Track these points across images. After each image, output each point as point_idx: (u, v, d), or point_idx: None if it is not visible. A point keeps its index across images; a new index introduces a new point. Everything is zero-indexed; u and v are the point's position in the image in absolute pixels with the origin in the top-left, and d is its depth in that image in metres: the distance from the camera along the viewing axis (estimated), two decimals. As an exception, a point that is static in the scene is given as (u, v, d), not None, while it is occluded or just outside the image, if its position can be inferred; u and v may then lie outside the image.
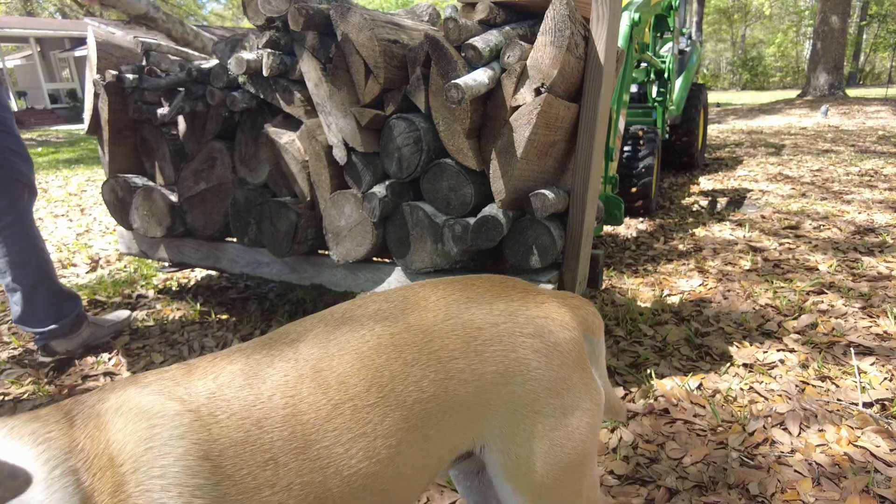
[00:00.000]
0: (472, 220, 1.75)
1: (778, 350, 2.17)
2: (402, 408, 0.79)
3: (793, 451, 1.59)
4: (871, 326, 2.31)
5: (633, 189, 4.20)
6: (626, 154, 4.20)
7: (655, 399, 1.87)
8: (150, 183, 2.57)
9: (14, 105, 19.60)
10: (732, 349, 2.19)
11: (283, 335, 0.85)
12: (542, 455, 0.86)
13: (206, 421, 0.70)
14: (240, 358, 0.79)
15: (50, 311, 2.17)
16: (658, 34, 5.10)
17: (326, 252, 2.15)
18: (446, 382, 0.82)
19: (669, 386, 1.94)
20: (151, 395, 0.71)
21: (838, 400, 1.82)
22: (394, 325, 0.85)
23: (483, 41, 1.61)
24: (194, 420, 0.69)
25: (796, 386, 1.91)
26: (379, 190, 1.83)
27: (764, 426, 1.70)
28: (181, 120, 2.39)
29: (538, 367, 0.87)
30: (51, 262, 2.20)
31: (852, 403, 1.80)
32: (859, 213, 4.09)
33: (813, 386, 1.91)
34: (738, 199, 4.80)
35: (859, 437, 1.63)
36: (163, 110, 2.37)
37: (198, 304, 2.77)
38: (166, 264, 2.91)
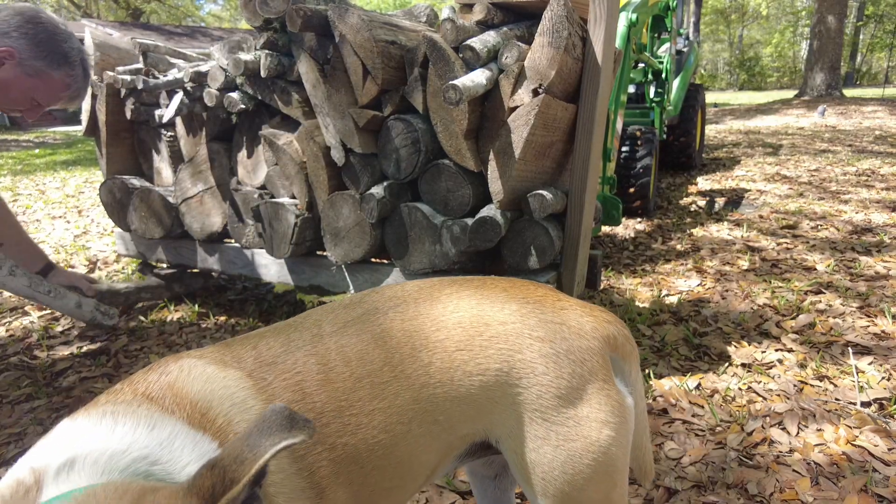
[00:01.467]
0: (470, 221, 1.75)
1: (776, 350, 2.17)
2: (412, 389, 0.83)
3: (791, 451, 1.59)
4: (868, 326, 2.32)
5: (631, 189, 4.21)
6: (623, 154, 4.21)
7: (654, 399, 1.88)
8: (148, 184, 2.57)
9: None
10: (731, 349, 2.19)
11: (307, 316, 0.90)
12: (559, 465, 0.85)
13: (261, 385, 0.75)
14: (270, 333, 0.85)
15: None
16: (656, 35, 5.11)
17: (325, 253, 2.15)
18: (451, 372, 0.84)
19: (668, 386, 1.94)
20: (210, 364, 0.76)
21: (836, 399, 1.83)
22: (406, 311, 0.89)
23: (481, 42, 1.61)
24: (254, 384, 0.75)
25: (794, 385, 1.92)
26: (377, 191, 1.83)
27: (762, 426, 1.70)
28: (179, 121, 2.39)
29: (545, 373, 0.85)
30: None
31: (850, 403, 1.80)
32: (857, 212, 4.10)
33: (811, 385, 1.91)
34: (735, 199, 4.81)
35: (857, 437, 1.63)
36: (160, 111, 2.37)
37: (196, 306, 2.77)
38: (164, 265, 2.90)
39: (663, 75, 4.87)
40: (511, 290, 0.94)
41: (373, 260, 2.11)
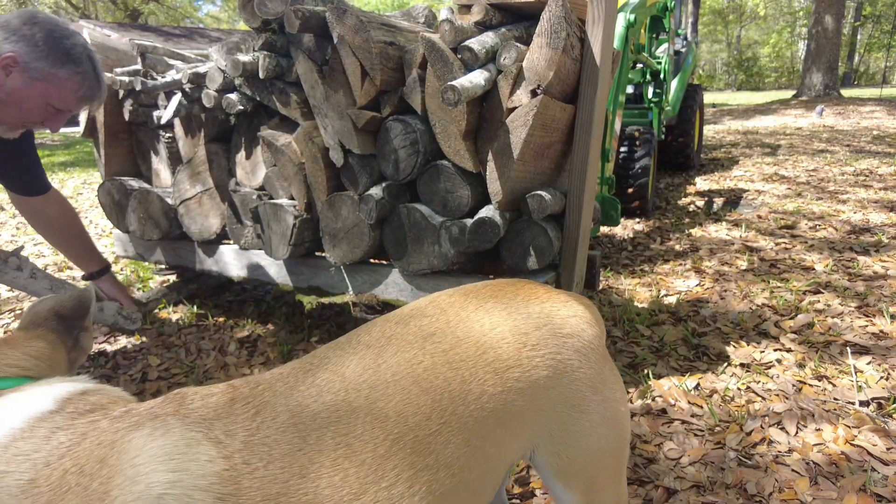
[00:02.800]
0: (469, 222, 1.75)
1: (775, 350, 2.17)
2: (464, 430, 0.73)
3: (790, 451, 1.59)
4: (867, 326, 2.32)
5: (630, 190, 4.21)
6: (622, 155, 4.21)
7: (653, 399, 1.88)
8: (146, 186, 2.56)
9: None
10: (729, 349, 2.19)
11: (324, 361, 0.77)
12: (590, 451, 0.87)
13: (239, 470, 0.62)
14: (283, 389, 0.71)
15: None
16: (654, 35, 5.11)
17: (323, 254, 2.14)
18: (505, 395, 0.78)
19: (667, 386, 1.94)
20: (190, 430, 0.64)
21: (835, 399, 1.83)
22: (443, 342, 0.79)
23: (479, 43, 1.61)
24: (225, 469, 0.61)
25: (793, 385, 1.92)
26: (376, 192, 1.83)
27: (761, 426, 1.71)
28: (177, 122, 2.38)
29: (580, 367, 0.86)
30: None
31: (849, 402, 1.80)
32: (855, 212, 4.11)
33: (810, 385, 1.92)
34: (734, 199, 4.82)
35: (856, 436, 1.63)
36: (159, 113, 2.37)
37: (194, 307, 2.77)
38: (163, 267, 2.90)
39: (661, 76, 4.88)
40: (523, 293, 0.94)
41: (372, 261, 2.10)
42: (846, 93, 16.32)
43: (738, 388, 1.92)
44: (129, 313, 2.30)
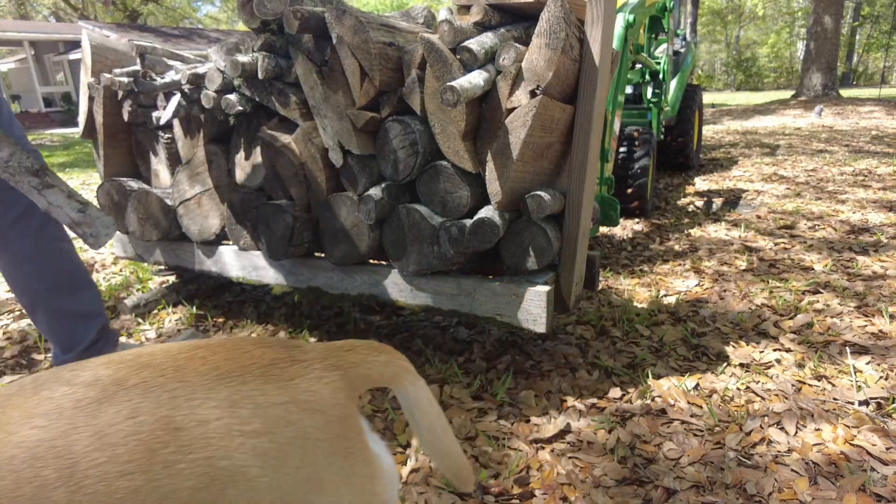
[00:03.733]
0: (468, 222, 1.75)
1: (774, 350, 2.17)
2: None
3: (790, 451, 1.60)
4: (866, 325, 2.32)
5: (629, 190, 4.21)
6: (621, 155, 4.21)
7: (652, 399, 1.88)
8: (146, 186, 2.56)
9: (8, 109, 19.51)
10: (729, 349, 2.19)
11: None
12: None
13: None
14: None
15: (57, 339, 1.93)
16: (653, 35, 5.12)
17: (323, 255, 2.15)
18: None
19: (666, 386, 1.94)
20: None
21: (834, 399, 1.83)
22: (55, 427, 0.61)
23: (478, 43, 1.62)
24: None
25: (793, 385, 1.92)
26: (375, 192, 1.83)
27: (761, 426, 1.71)
28: (176, 123, 2.38)
29: (261, 475, 0.66)
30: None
31: (848, 402, 1.81)
32: (854, 212, 4.11)
33: (809, 385, 1.92)
34: (733, 199, 4.82)
35: (856, 436, 1.63)
36: (158, 113, 2.37)
37: (194, 308, 2.76)
38: (162, 268, 2.90)
39: (661, 76, 4.88)
40: (225, 366, 0.71)
41: (371, 261, 2.11)
42: (845, 93, 16.35)
43: (738, 388, 1.92)
44: (97, 216, 1.49)
